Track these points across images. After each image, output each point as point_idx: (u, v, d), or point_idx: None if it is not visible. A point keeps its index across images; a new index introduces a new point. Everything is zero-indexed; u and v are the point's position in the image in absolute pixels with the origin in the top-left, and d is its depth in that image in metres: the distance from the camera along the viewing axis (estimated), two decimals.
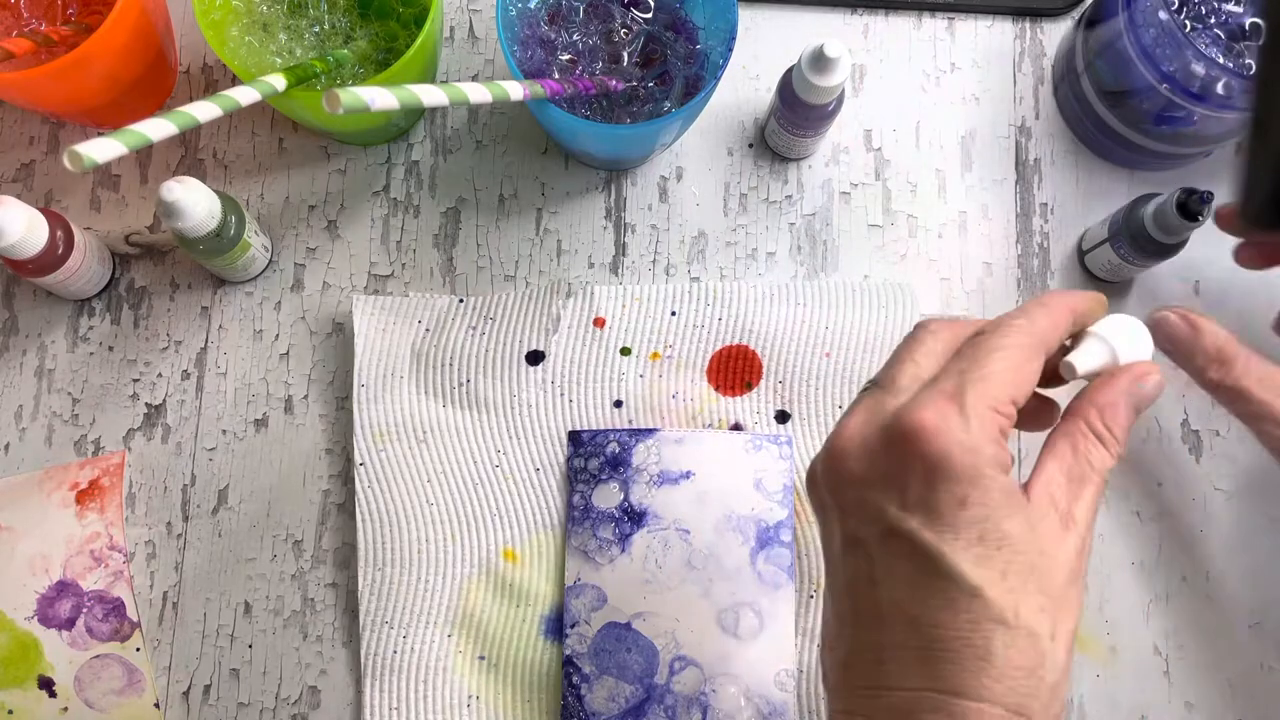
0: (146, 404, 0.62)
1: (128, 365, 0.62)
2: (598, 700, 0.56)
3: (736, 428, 0.60)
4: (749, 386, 0.61)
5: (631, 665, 0.56)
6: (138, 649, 0.57)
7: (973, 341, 0.39)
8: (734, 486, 0.58)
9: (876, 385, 0.39)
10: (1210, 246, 0.64)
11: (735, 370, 0.61)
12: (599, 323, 0.61)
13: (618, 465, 0.58)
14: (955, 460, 0.35)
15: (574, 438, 0.59)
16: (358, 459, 0.59)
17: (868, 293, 0.62)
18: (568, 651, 0.57)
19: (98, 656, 0.57)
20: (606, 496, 0.58)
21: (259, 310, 0.63)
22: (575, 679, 0.56)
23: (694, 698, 0.55)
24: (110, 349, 0.62)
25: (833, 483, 0.39)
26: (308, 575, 0.60)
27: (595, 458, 0.59)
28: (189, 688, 0.58)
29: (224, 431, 0.61)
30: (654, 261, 0.64)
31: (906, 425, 0.36)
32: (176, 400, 0.62)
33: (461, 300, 0.62)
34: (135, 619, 0.58)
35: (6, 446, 0.61)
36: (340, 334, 0.62)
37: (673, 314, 0.61)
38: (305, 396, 0.62)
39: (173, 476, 0.61)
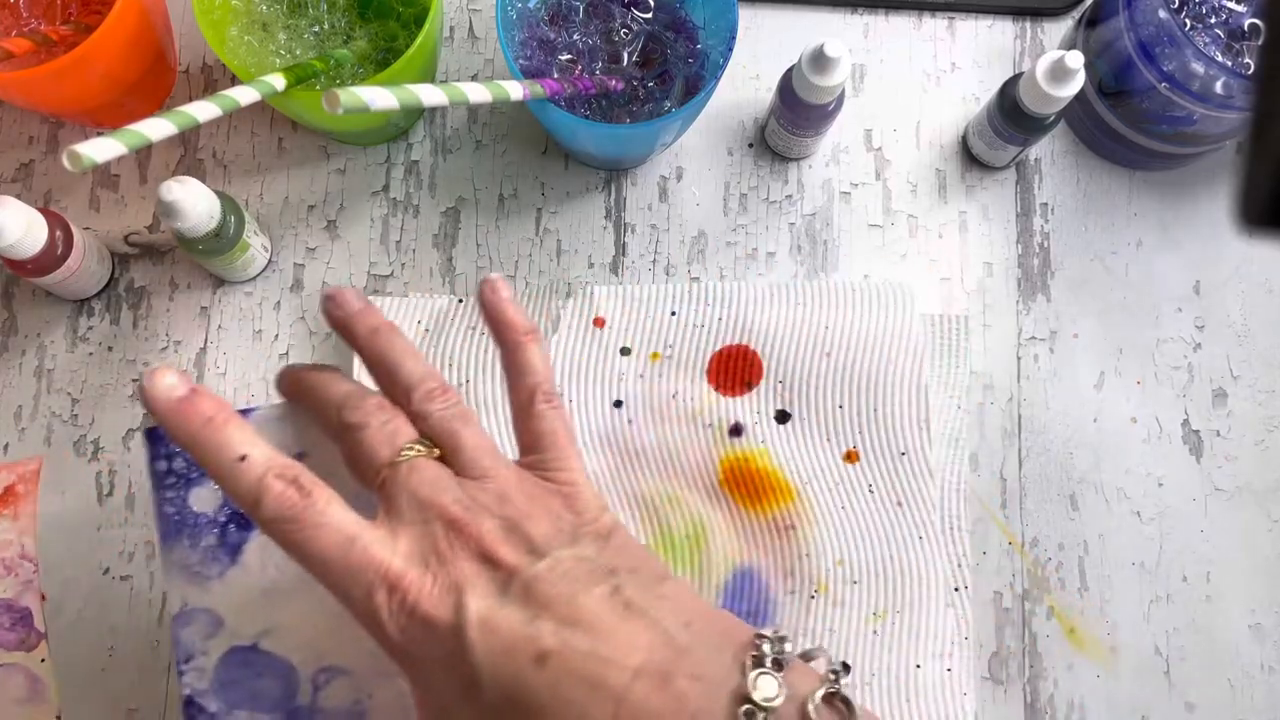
0: None
1: (127, 365, 0.62)
2: None
3: (737, 428, 0.60)
4: (749, 386, 0.60)
5: (266, 692, 0.45)
6: (43, 660, 0.56)
7: None
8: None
9: None
10: (1210, 246, 0.64)
11: (735, 370, 0.61)
12: (599, 323, 0.61)
13: None
14: None
15: (151, 435, 0.46)
16: None
17: (868, 293, 0.62)
18: (186, 691, 0.45)
19: (2, 666, 0.56)
20: (203, 499, 0.46)
21: (258, 310, 0.63)
22: None
23: (350, 710, 0.46)
24: (110, 349, 0.62)
25: None
26: None
27: (181, 455, 0.46)
28: None
29: None
30: (654, 261, 0.64)
31: None
32: None
33: (461, 300, 0.62)
34: (42, 629, 0.57)
35: (6, 446, 0.61)
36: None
37: (673, 314, 0.61)
38: None
39: None
